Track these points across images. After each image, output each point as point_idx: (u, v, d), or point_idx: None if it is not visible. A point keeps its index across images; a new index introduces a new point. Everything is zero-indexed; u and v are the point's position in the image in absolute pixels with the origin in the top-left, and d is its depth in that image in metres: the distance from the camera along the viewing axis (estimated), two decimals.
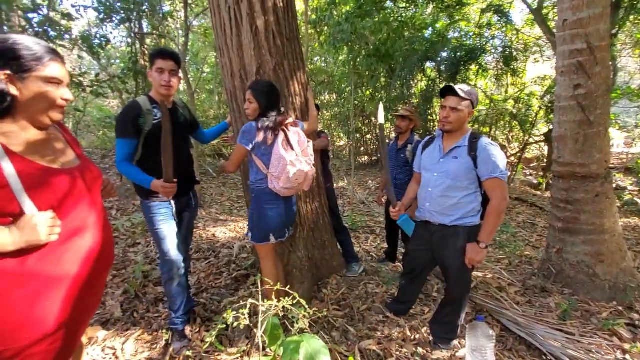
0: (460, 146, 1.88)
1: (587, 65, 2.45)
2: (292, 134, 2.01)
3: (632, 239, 4.10)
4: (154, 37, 6.88)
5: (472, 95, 1.87)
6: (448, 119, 1.86)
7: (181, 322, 2.12)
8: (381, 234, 4.40)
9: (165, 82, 1.86)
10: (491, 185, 1.80)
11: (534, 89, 8.60)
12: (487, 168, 1.79)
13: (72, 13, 5.21)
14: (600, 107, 2.50)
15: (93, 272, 1.14)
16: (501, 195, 1.79)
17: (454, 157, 1.88)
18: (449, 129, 1.89)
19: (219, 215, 5.05)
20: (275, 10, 2.28)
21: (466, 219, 1.88)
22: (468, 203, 1.87)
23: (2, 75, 0.95)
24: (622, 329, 2.25)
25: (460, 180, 1.85)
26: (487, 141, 1.84)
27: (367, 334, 2.19)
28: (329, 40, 6.33)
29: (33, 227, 0.94)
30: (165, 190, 1.81)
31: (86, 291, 1.12)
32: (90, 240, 1.13)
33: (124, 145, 1.82)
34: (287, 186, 1.93)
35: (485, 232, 1.81)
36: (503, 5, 8.07)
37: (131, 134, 1.81)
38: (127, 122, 1.80)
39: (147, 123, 1.84)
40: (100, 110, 9.38)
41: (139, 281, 2.77)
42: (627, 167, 9.12)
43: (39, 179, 0.99)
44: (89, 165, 1.21)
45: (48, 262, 1.01)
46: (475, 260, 1.84)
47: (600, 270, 2.64)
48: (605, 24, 2.43)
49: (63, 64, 1.08)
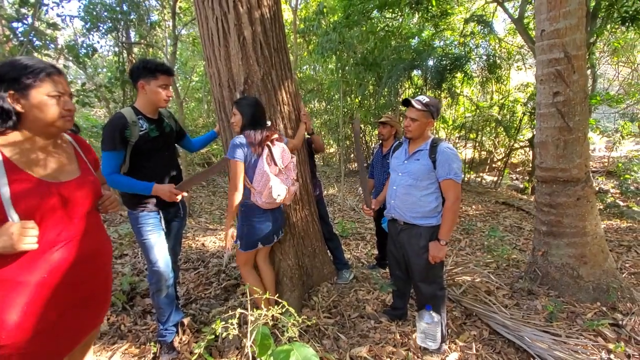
0: (422, 149, 2.08)
1: (565, 74, 2.54)
2: (276, 149, 2.04)
3: (615, 241, 4.21)
4: (142, 47, 6.86)
5: (431, 106, 2.02)
6: (408, 128, 2.07)
7: (169, 333, 2.09)
8: (371, 240, 4.42)
9: (169, 97, 1.93)
10: (446, 186, 2.00)
11: (518, 96, 8.83)
12: (443, 170, 1.98)
13: (57, 23, 5.16)
14: (578, 114, 2.59)
15: (73, 284, 1.16)
16: (454, 196, 1.98)
17: (416, 159, 2.08)
18: (410, 137, 2.11)
19: (208, 224, 5.01)
20: (262, 21, 2.31)
21: (427, 219, 2.06)
22: (427, 203, 2.05)
23: (8, 97, 1.06)
24: (607, 329, 2.30)
25: (420, 180, 2.05)
26: (445, 146, 2.03)
27: (358, 340, 2.19)
28: (318, 49, 6.40)
29: (9, 234, 0.99)
30: (170, 195, 1.87)
31: (67, 303, 1.14)
32: (70, 252, 1.15)
33: (111, 157, 1.80)
34: (269, 201, 1.99)
35: (444, 230, 2.02)
36: (486, 15, 8.31)
37: (118, 145, 1.80)
38: (113, 135, 1.79)
39: (134, 135, 1.83)
40: (87, 120, 9.24)
41: (126, 293, 2.72)
42: (609, 171, 9.39)
43: (28, 191, 1.05)
44: (89, 178, 1.26)
45: (23, 270, 1.05)
46: (437, 256, 2.03)
47: (584, 272, 2.70)
48: (581, 33, 2.52)
49: (61, 77, 1.16)
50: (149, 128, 1.92)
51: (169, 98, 1.95)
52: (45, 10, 5.03)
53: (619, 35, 9.12)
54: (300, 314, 2.36)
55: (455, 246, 4.22)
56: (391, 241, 2.32)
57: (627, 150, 11.03)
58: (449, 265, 3.35)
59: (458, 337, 2.26)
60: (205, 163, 8.62)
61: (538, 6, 2.61)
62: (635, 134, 10.03)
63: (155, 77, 1.87)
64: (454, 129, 9.44)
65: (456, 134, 9.69)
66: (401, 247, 2.21)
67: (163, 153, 2.02)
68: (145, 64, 1.88)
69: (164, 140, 2.02)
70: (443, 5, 7.30)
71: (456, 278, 3.04)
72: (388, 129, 3.14)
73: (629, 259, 3.63)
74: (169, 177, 2.05)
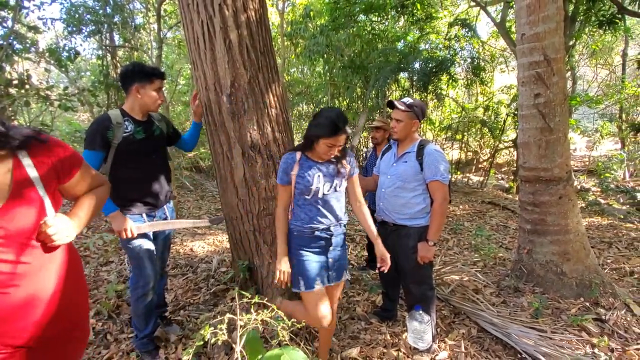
0: (410, 152, 2.11)
1: (545, 76, 2.62)
2: None
3: (596, 237, 4.33)
4: (126, 50, 6.75)
5: (415, 107, 2.05)
6: (394, 129, 2.10)
7: (152, 341, 2.06)
8: (361, 242, 4.44)
9: (162, 101, 1.94)
10: (433, 187, 2.03)
11: (501, 97, 9.03)
12: (430, 171, 2.00)
13: (38, 25, 5.04)
14: (559, 115, 2.67)
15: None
16: (442, 197, 2.01)
17: (404, 162, 2.11)
18: (397, 138, 2.14)
19: (196, 229, 4.94)
20: (248, 24, 2.31)
21: (416, 220, 2.08)
22: (416, 204, 2.07)
23: None
24: (590, 324, 2.36)
25: (408, 182, 2.07)
26: (432, 147, 2.06)
27: (349, 342, 2.19)
28: (305, 52, 6.43)
29: None
30: (121, 231, 1.82)
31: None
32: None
33: (90, 156, 1.78)
34: None
35: (432, 231, 2.04)
36: (469, 19, 8.49)
37: (99, 146, 1.79)
38: (95, 135, 1.78)
39: (117, 136, 1.81)
40: (70, 124, 9.03)
41: (111, 301, 2.66)
42: (590, 170, 9.67)
43: None
44: (20, 201, 0.96)
45: None
46: (425, 257, 2.06)
47: (567, 269, 2.77)
48: (560, 37, 2.60)
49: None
50: (135, 130, 1.89)
51: (162, 102, 1.95)
52: (26, 13, 4.91)
53: (597, 38, 9.44)
54: (290, 317, 2.35)
55: (444, 246, 4.28)
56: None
57: (606, 149, 11.40)
58: (437, 265, 3.39)
59: (447, 336, 2.29)
60: (193, 167, 8.51)
61: (518, 11, 2.69)
62: (614, 134, 10.36)
63: (151, 81, 1.86)
64: (440, 130, 9.58)
65: (443, 135, 9.84)
66: (391, 248, 2.21)
67: (151, 158, 1.99)
68: (141, 67, 1.87)
69: (152, 144, 1.99)
70: (428, 9, 7.43)
71: (445, 277, 3.07)
72: (381, 133, 3.21)
73: (610, 255, 3.74)
74: (159, 183, 2.01)
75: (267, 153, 2.45)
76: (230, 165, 2.44)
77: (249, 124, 2.37)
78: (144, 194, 1.96)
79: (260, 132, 2.40)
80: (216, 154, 2.53)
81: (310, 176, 1.67)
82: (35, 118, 6.73)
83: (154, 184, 1.99)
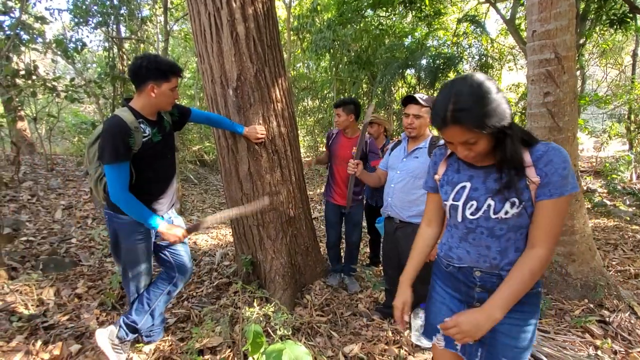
0: (421, 147, 2.08)
1: (555, 74, 2.57)
2: None
3: (602, 239, 4.29)
4: (133, 42, 6.75)
5: (432, 103, 1.99)
6: (412, 125, 2.05)
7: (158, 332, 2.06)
8: (364, 238, 4.44)
9: (176, 98, 1.77)
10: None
11: (509, 96, 8.94)
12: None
13: (45, 16, 5.06)
14: (568, 114, 2.63)
15: None
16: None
17: (415, 157, 2.08)
18: (415, 135, 2.09)
19: None
20: (255, 17, 2.29)
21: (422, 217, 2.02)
22: (424, 201, 1.98)
23: None
24: (594, 325, 2.35)
25: (419, 178, 2.03)
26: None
27: (351, 338, 2.19)
28: (311, 46, 6.39)
29: None
30: (174, 236, 1.74)
31: None
32: None
33: (120, 170, 1.60)
34: None
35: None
36: (478, 16, 8.39)
37: (124, 156, 1.60)
38: (117, 143, 1.57)
39: (137, 142, 1.64)
40: (76, 116, 9.08)
41: (116, 292, 2.68)
42: (597, 170, 9.56)
43: None
44: None
45: None
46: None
47: (572, 270, 2.75)
48: (572, 35, 2.56)
49: None
50: (152, 132, 1.73)
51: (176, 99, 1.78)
52: (33, 3, 4.92)
53: (607, 37, 9.29)
54: (292, 312, 2.36)
55: None
56: (386, 239, 2.32)
57: (614, 150, 11.25)
58: None
59: None
60: (198, 160, 8.53)
61: (529, 7, 2.64)
62: (622, 135, 10.23)
63: (168, 79, 1.66)
64: None
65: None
66: (396, 245, 2.21)
67: (165, 158, 1.86)
68: (157, 64, 1.64)
69: (165, 142, 1.83)
70: (436, 5, 7.34)
71: None
72: (376, 128, 3.21)
73: (616, 257, 3.70)
74: (171, 182, 1.91)
75: (272, 147, 2.45)
76: (235, 159, 2.44)
77: (254, 118, 2.36)
78: (163, 195, 1.88)
79: (266, 126, 2.39)
80: (221, 148, 2.53)
81: None
82: (41, 109, 6.77)
83: (169, 184, 1.91)
